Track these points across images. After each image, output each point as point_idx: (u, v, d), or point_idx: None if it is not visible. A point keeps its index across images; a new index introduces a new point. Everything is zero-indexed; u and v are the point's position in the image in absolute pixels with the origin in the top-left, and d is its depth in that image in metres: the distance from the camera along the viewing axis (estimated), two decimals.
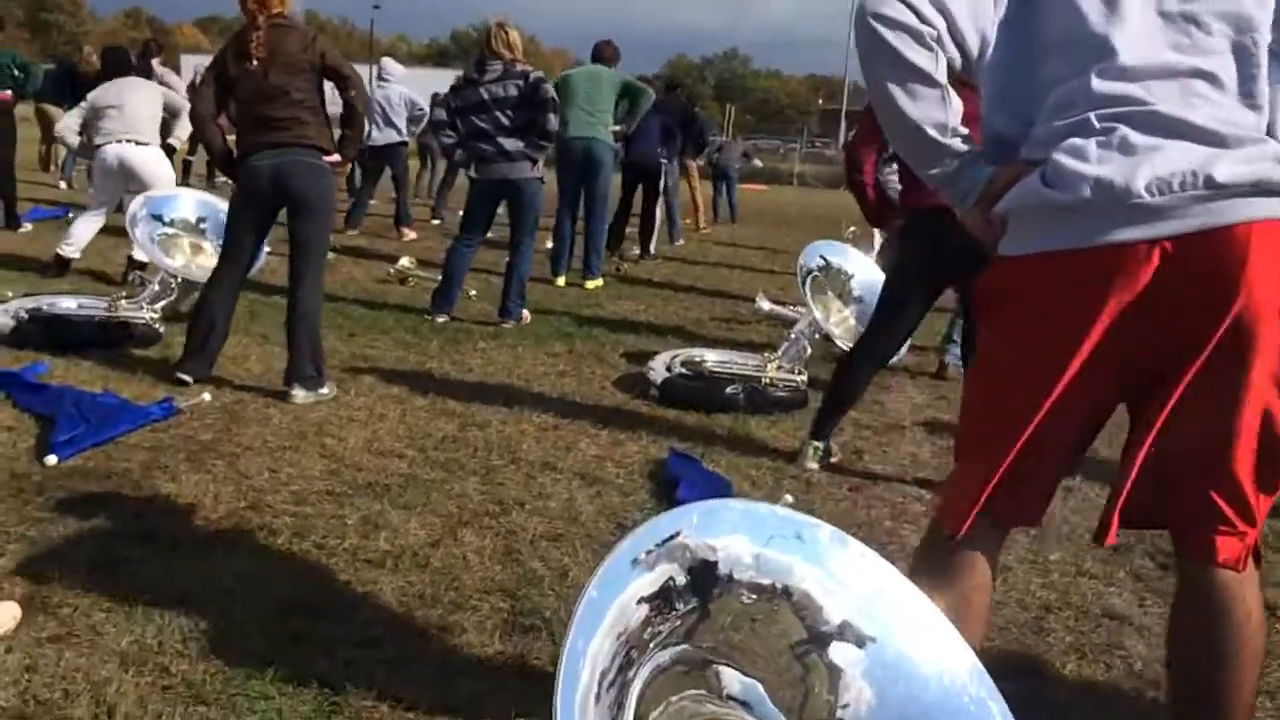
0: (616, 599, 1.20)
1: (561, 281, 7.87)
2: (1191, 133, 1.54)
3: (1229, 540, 1.63)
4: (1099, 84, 1.60)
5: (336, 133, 4.43)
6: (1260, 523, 1.65)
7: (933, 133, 1.71)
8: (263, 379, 4.53)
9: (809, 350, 4.83)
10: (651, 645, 1.24)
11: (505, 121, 5.84)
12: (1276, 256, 1.54)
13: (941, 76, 1.68)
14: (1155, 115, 1.56)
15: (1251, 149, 1.54)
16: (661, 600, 1.28)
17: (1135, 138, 1.55)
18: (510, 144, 5.86)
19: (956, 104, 1.72)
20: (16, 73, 8.81)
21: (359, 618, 2.47)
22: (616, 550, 1.24)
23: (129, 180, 6.45)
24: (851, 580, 1.46)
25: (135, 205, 5.57)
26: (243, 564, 2.72)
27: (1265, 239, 1.53)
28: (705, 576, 1.36)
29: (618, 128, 8.03)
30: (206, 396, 4.12)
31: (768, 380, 4.61)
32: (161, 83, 8.22)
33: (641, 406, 4.56)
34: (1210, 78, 1.59)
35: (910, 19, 1.64)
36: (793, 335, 4.84)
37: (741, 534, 1.41)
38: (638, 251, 10.08)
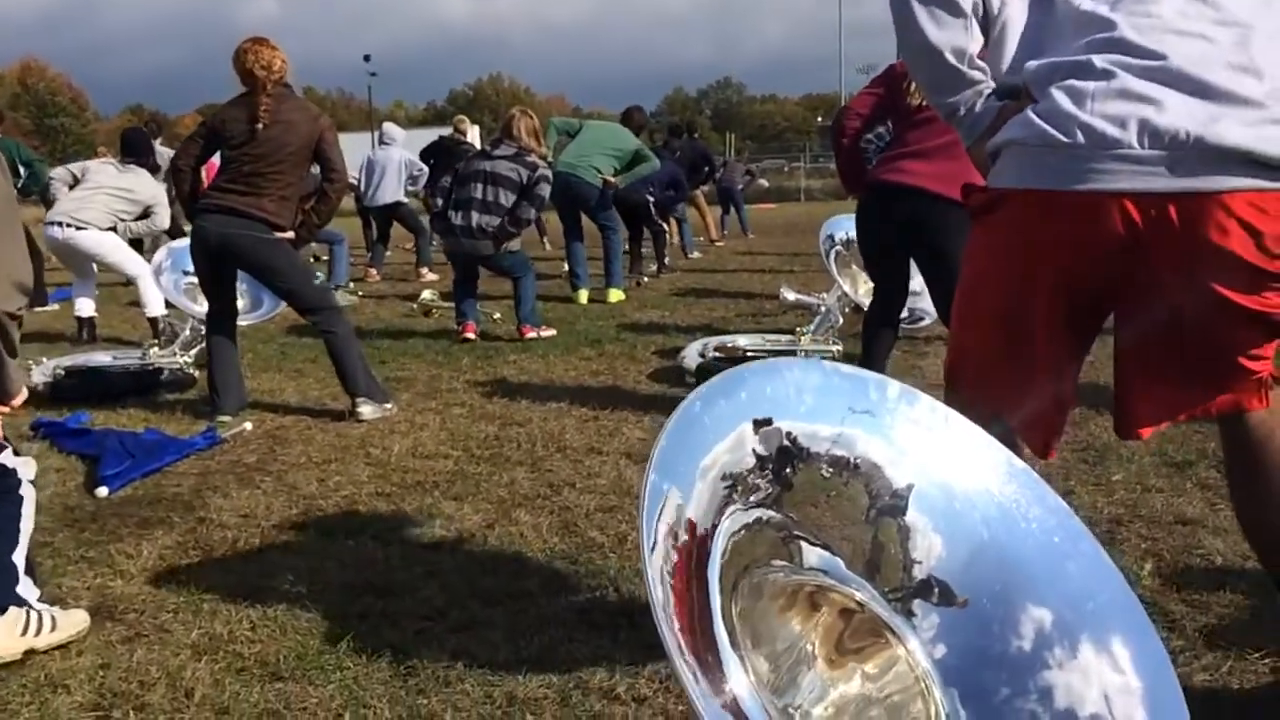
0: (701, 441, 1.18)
1: (584, 298, 7.88)
2: (1195, 87, 1.52)
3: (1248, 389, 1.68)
4: (1110, 32, 1.59)
5: None
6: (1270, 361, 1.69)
7: (951, 58, 1.74)
8: (301, 406, 4.55)
9: (840, 321, 4.80)
10: (749, 497, 1.23)
11: (491, 198, 5.94)
12: (1253, 228, 1.53)
13: (966, 6, 1.71)
14: (1163, 69, 1.54)
15: (1253, 112, 1.51)
16: (753, 459, 1.27)
17: (1136, 84, 1.53)
18: (482, 220, 5.93)
19: (978, 36, 1.74)
20: (21, 170, 8.81)
21: (423, 593, 2.45)
22: (692, 402, 1.22)
23: (80, 256, 6.54)
24: (914, 440, 1.43)
25: (159, 257, 5.64)
26: (301, 560, 2.71)
27: (1245, 210, 1.52)
28: (785, 451, 1.34)
29: (611, 179, 7.94)
30: (248, 426, 4.14)
31: (803, 353, 4.59)
32: (160, 165, 8.35)
33: (680, 393, 4.53)
34: (1228, 31, 1.55)
35: None
36: (823, 309, 4.82)
37: (810, 400, 1.39)
38: (655, 267, 10.12)
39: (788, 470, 1.38)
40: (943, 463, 1.40)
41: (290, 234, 4.35)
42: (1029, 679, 1.18)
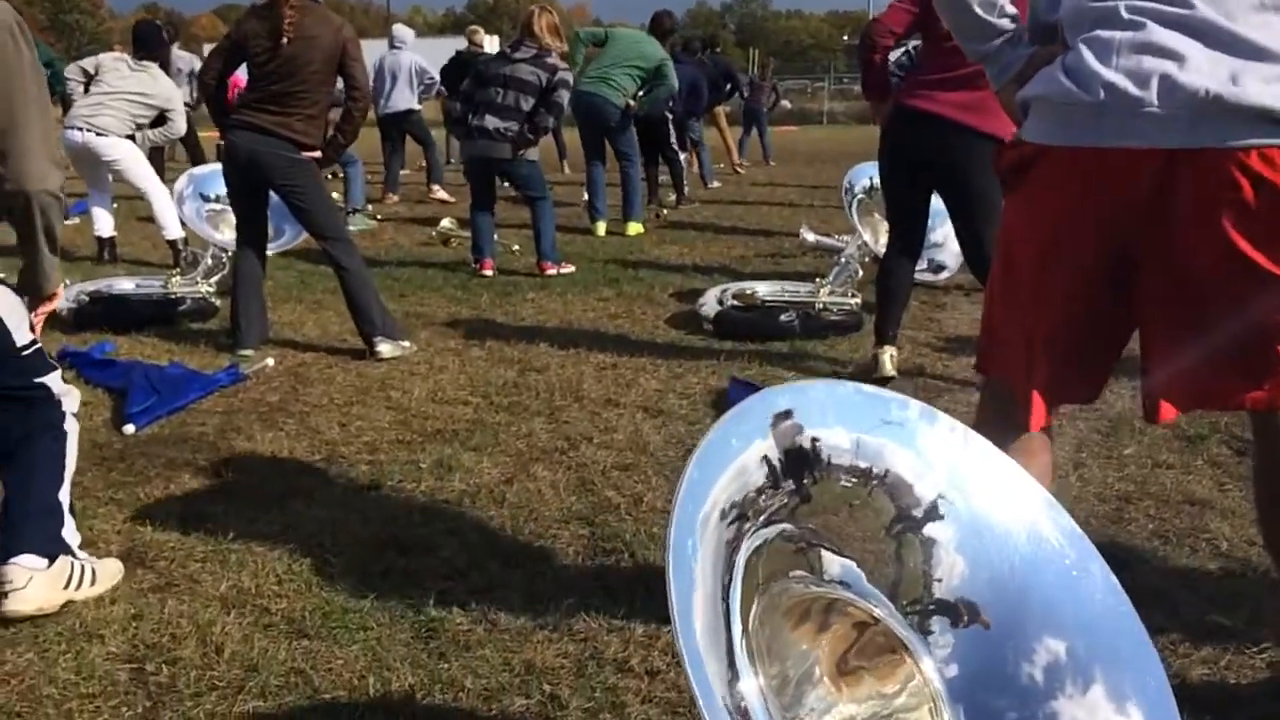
0: (719, 474, 1.21)
1: (602, 230, 7.86)
2: (1220, 38, 1.50)
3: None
4: None
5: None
6: None
7: (980, 10, 1.75)
8: (321, 342, 4.59)
9: (860, 273, 4.79)
10: (760, 518, 1.25)
11: (511, 103, 5.86)
12: (1268, 182, 1.51)
13: None
14: (1190, 18, 1.51)
15: (1272, 67, 1.49)
16: (762, 476, 1.30)
17: (1161, 36, 1.51)
18: (500, 124, 5.85)
19: None
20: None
21: (444, 552, 2.51)
22: (713, 432, 1.25)
23: (98, 165, 6.47)
24: (940, 456, 1.46)
25: (181, 185, 5.65)
26: (324, 511, 2.77)
27: (1260, 164, 1.50)
28: (803, 461, 1.37)
29: (633, 102, 7.81)
30: (270, 362, 4.19)
31: (821, 305, 4.59)
32: (179, 68, 8.26)
33: (697, 341, 4.57)
34: None
35: None
36: (843, 259, 4.81)
37: (831, 413, 1.42)
38: (674, 198, 10.04)
39: (806, 480, 1.41)
40: (964, 481, 1.43)
41: (318, 153, 4.35)
42: (1036, 708, 1.22)
